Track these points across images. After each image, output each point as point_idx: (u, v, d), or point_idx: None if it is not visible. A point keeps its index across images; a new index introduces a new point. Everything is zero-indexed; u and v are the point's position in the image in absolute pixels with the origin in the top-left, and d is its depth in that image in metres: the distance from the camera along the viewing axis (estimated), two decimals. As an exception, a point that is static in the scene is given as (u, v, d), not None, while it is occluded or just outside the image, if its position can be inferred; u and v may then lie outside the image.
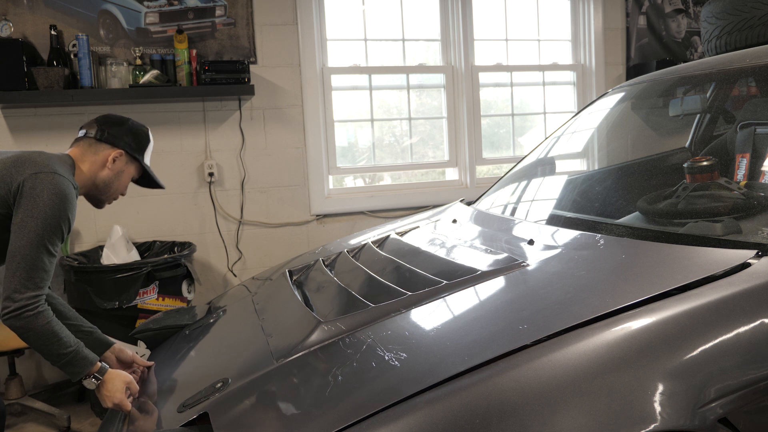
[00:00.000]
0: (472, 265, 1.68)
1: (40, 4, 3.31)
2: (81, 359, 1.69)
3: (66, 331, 1.69)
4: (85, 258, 3.21)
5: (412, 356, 1.30)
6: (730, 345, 1.18)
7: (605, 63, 4.42)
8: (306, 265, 2.18)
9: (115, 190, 2.03)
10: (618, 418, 1.06)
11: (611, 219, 1.90)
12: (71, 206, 1.76)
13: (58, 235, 1.72)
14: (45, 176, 1.73)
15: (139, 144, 2.03)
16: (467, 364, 1.18)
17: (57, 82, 3.16)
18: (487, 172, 4.37)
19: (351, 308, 1.58)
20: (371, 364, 1.31)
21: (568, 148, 2.61)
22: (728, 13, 2.41)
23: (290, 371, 1.42)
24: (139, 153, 2.03)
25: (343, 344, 1.43)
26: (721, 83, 2.29)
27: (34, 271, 1.66)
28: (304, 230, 3.85)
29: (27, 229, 1.67)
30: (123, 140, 1.99)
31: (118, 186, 2.03)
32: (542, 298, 1.46)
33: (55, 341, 1.66)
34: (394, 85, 4.18)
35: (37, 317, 1.63)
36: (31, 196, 1.70)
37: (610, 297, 1.33)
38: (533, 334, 1.23)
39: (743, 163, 1.93)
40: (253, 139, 3.71)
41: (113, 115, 2.07)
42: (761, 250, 1.35)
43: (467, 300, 1.52)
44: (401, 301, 1.54)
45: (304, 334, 1.52)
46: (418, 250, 1.97)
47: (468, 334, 1.36)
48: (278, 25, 3.70)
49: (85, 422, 3.08)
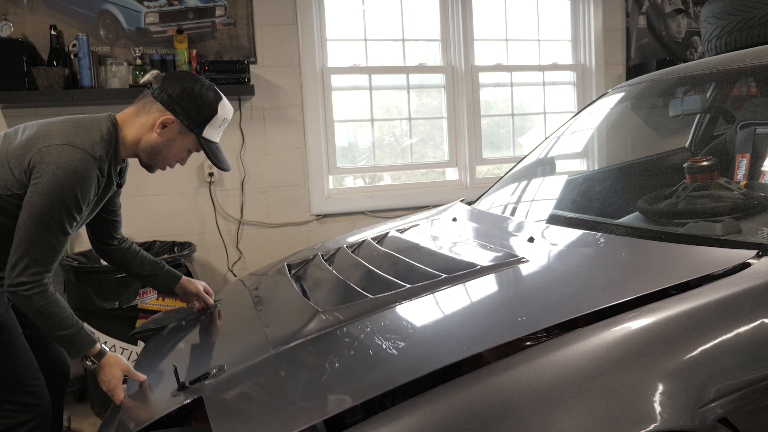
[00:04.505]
0: (471, 260, 1.68)
1: (40, 4, 3.31)
2: (78, 341, 1.67)
3: (65, 312, 1.66)
4: (85, 258, 3.21)
5: (410, 345, 1.30)
6: (730, 345, 1.18)
7: (605, 63, 4.42)
8: (305, 259, 2.18)
9: (165, 159, 1.81)
10: (618, 418, 1.06)
11: (611, 219, 1.90)
12: (79, 180, 1.62)
13: (63, 211, 1.61)
14: (53, 149, 1.62)
15: (199, 113, 1.76)
16: (465, 353, 1.18)
17: (57, 82, 3.16)
18: (487, 172, 4.37)
19: (349, 299, 1.59)
20: (369, 353, 1.31)
21: (568, 148, 2.61)
22: (728, 13, 2.41)
23: (287, 358, 1.42)
24: (196, 124, 1.76)
25: (341, 333, 1.43)
26: (721, 83, 2.29)
27: (34, 248, 1.60)
28: (304, 230, 3.85)
29: (28, 205, 1.61)
30: (180, 106, 1.74)
31: (167, 154, 1.80)
32: (541, 292, 1.46)
33: (52, 321, 1.64)
34: (394, 85, 4.18)
35: (33, 297, 1.60)
36: (37, 171, 1.61)
37: (609, 292, 1.33)
38: (532, 326, 1.23)
39: (743, 163, 1.93)
40: (253, 139, 3.71)
41: (185, 73, 1.83)
42: (761, 250, 1.35)
43: (466, 293, 1.52)
44: (400, 293, 1.54)
45: (301, 323, 1.52)
46: (417, 246, 1.97)
47: (466, 324, 1.36)
48: (278, 25, 3.70)
49: (85, 422, 3.08)
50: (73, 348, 1.68)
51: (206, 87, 1.78)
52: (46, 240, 1.62)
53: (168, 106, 1.74)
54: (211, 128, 1.79)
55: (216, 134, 1.83)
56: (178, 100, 1.74)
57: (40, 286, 1.62)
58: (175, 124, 1.76)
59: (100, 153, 1.68)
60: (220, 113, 1.80)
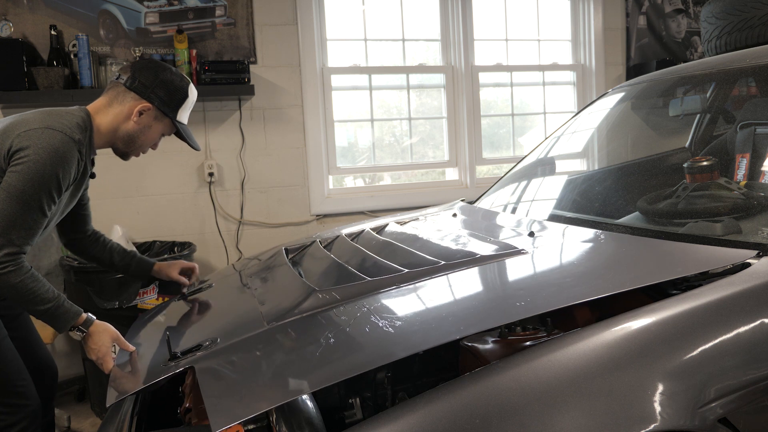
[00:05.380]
0: (471, 250, 1.68)
1: (40, 4, 3.31)
2: (62, 313, 1.67)
3: (44, 287, 1.65)
4: (85, 258, 3.21)
5: (407, 324, 1.30)
6: (730, 345, 1.18)
7: (605, 63, 4.42)
8: (303, 245, 2.18)
9: (141, 145, 1.89)
10: (618, 418, 1.06)
11: (611, 219, 1.90)
12: (60, 161, 1.64)
13: (44, 192, 1.62)
14: (33, 133, 1.64)
15: (172, 98, 1.84)
16: (462, 333, 1.18)
17: (57, 82, 3.16)
18: (487, 172, 4.37)
19: (347, 281, 1.58)
20: (365, 330, 1.30)
21: (568, 148, 2.61)
22: (728, 13, 2.41)
23: (281, 333, 1.41)
24: (171, 109, 1.85)
25: (337, 311, 1.42)
26: (721, 83, 2.29)
27: (12, 227, 1.59)
28: (304, 230, 3.85)
29: (7, 185, 1.60)
30: (154, 93, 1.81)
31: (143, 141, 1.88)
32: (540, 281, 1.47)
33: (31, 297, 1.63)
34: (394, 85, 4.18)
35: (10, 275, 1.59)
36: (18, 154, 1.61)
37: (608, 282, 1.33)
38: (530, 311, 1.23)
39: (743, 163, 1.93)
40: (253, 139, 3.71)
41: (151, 61, 1.90)
42: (761, 250, 1.35)
43: (465, 279, 1.53)
44: (398, 276, 1.53)
45: (297, 301, 1.52)
46: (416, 237, 1.97)
47: (465, 307, 1.36)
48: (278, 25, 3.70)
49: (85, 422, 3.08)
50: (58, 321, 1.67)
51: (174, 73, 1.87)
52: (24, 219, 1.61)
53: (143, 94, 1.81)
54: (183, 111, 1.89)
55: (185, 116, 1.92)
56: (152, 87, 1.81)
57: (16, 264, 1.60)
58: (152, 111, 1.83)
59: (78, 137, 1.71)
60: (190, 96, 1.89)
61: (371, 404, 1.35)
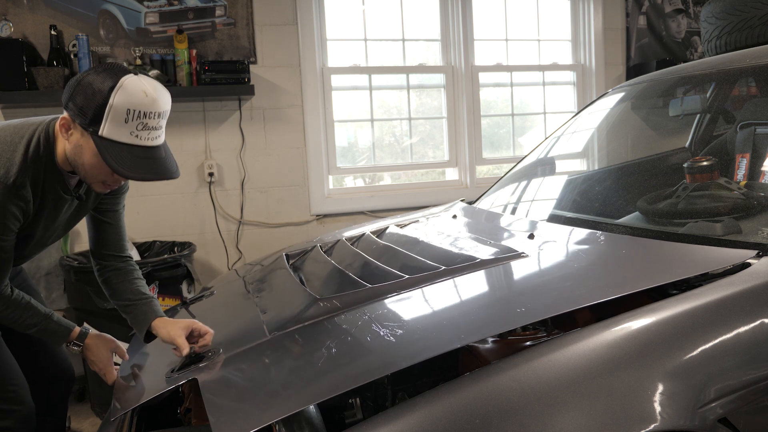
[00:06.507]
0: (471, 254, 1.68)
1: (40, 4, 3.30)
2: (50, 334, 1.67)
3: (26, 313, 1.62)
4: (85, 258, 3.20)
5: (408, 332, 1.30)
6: (730, 345, 1.18)
7: (605, 63, 4.42)
8: (303, 250, 2.18)
9: (86, 173, 1.47)
10: (618, 418, 1.06)
11: (611, 219, 1.90)
12: None
13: None
14: None
15: (88, 107, 1.36)
16: (463, 342, 1.18)
17: (57, 82, 3.16)
18: (487, 172, 4.37)
19: (348, 288, 1.58)
20: (366, 339, 1.30)
21: (568, 148, 2.61)
22: (728, 13, 2.41)
23: (283, 343, 1.42)
24: (91, 123, 1.37)
25: (339, 320, 1.43)
26: (721, 83, 2.29)
27: None
28: (304, 230, 3.85)
29: None
30: (72, 100, 1.39)
31: (83, 165, 1.45)
32: (540, 285, 1.46)
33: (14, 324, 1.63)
34: (394, 85, 4.18)
35: None
36: None
37: (609, 286, 1.33)
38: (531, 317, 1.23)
39: (743, 163, 1.92)
40: (253, 139, 3.71)
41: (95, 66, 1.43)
42: (761, 250, 1.35)
43: (466, 284, 1.52)
44: (399, 282, 1.54)
45: (299, 310, 1.52)
46: (416, 240, 1.97)
47: (465, 314, 1.36)
48: (278, 25, 3.70)
49: (85, 422, 3.08)
50: (51, 338, 1.68)
51: (102, 71, 1.39)
52: None
53: (64, 103, 1.42)
54: (114, 124, 1.35)
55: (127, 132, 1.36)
56: (71, 93, 1.40)
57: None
58: (74, 125, 1.42)
59: (17, 179, 1.44)
60: (117, 102, 1.35)
61: (371, 404, 1.35)
